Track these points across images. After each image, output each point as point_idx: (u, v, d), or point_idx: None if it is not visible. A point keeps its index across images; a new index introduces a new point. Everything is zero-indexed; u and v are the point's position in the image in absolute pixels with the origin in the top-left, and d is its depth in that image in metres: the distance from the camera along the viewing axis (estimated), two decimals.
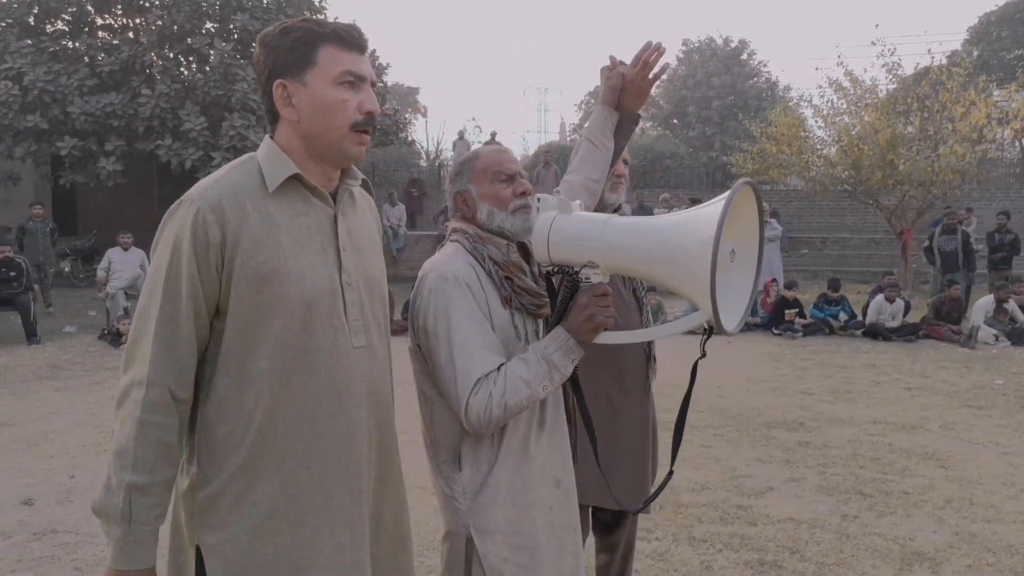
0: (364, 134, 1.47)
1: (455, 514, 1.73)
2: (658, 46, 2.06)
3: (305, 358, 1.42)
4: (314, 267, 1.44)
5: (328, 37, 1.44)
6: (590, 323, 1.63)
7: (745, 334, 10.36)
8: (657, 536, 3.77)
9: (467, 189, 1.81)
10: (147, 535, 1.36)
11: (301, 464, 1.42)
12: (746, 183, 1.56)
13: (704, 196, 19.60)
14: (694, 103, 31.99)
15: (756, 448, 5.21)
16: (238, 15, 13.66)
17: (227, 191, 1.41)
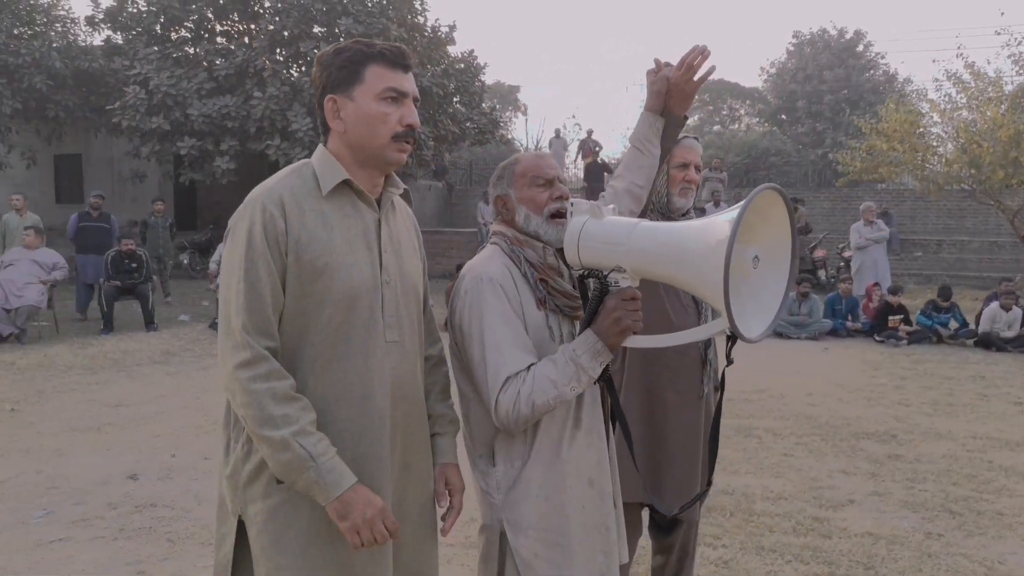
0: (406, 143, 1.63)
1: (490, 508, 1.79)
2: (703, 49, 2.04)
3: (345, 346, 1.57)
4: (360, 264, 1.59)
5: (375, 57, 1.61)
6: (618, 326, 1.66)
7: (844, 340, 9.96)
8: (724, 543, 3.71)
9: (507, 193, 1.87)
10: (335, 461, 1.49)
11: (336, 443, 1.53)
12: (770, 187, 1.54)
13: (809, 196, 18.88)
14: (804, 97, 30.72)
15: (841, 459, 5.02)
16: (343, 19, 14.18)
17: (287, 191, 1.57)
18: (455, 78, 16.20)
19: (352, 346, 1.57)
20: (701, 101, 37.40)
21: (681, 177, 2.52)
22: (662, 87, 2.08)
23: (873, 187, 18.64)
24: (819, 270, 14.34)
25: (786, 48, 33.21)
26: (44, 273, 9.24)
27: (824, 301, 10.56)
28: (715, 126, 36.61)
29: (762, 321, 1.58)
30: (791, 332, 9.93)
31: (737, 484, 4.50)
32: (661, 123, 2.14)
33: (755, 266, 1.55)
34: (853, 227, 11.82)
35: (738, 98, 37.66)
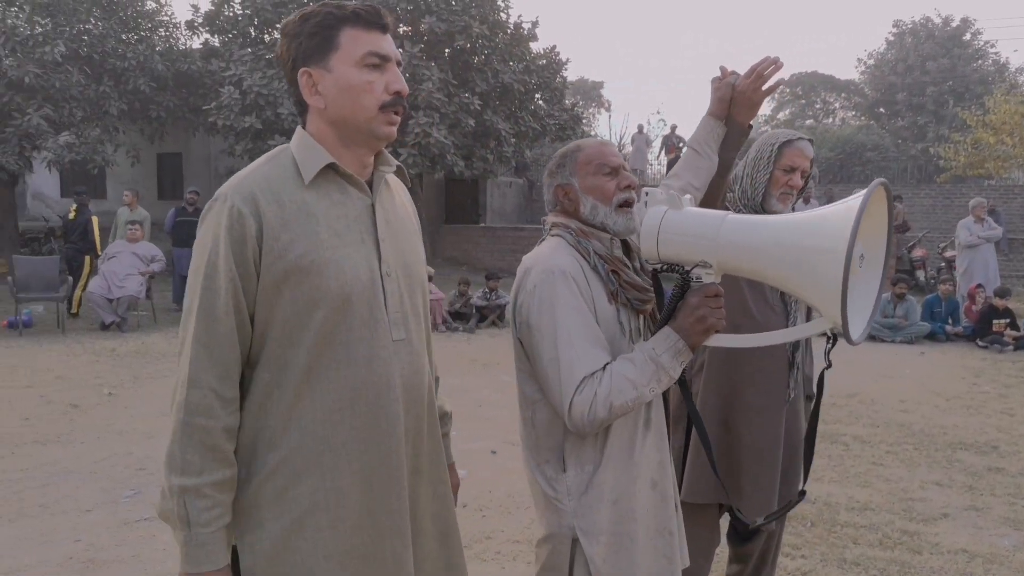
0: (394, 114, 1.44)
1: (559, 515, 1.69)
2: (775, 60, 1.98)
3: (344, 351, 1.39)
4: (353, 258, 1.41)
5: (348, 19, 1.41)
6: (701, 325, 1.57)
7: (943, 345, 9.39)
8: (804, 554, 3.53)
9: (569, 183, 1.77)
10: (210, 536, 1.33)
11: (341, 457, 1.39)
12: (881, 183, 1.46)
13: (908, 193, 17.95)
14: (904, 90, 29.29)
15: (936, 470, 4.71)
16: (427, 17, 14.36)
17: (261, 183, 1.38)
18: (536, 74, 16.16)
19: (353, 350, 1.39)
20: (793, 95, 36.20)
21: (784, 181, 2.37)
22: (726, 93, 2.04)
23: (979, 183, 17.54)
24: (918, 271, 13.60)
25: (885, 38, 31.90)
26: (143, 265, 9.73)
27: (922, 303, 9.99)
28: (808, 120, 35.33)
29: (861, 321, 1.50)
30: (885, 335, 9.44)
31: (820, 492, 4.29)
32: (722, 130, 2.08)
33: (860, 264, 1.47)
34: (961, 223, 11.12)
35: (833, 91, 36.26)
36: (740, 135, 2.11)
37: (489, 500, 4.19)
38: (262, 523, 1.39)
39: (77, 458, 4.79)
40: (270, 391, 1.39)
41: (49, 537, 3.64)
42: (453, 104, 14.46)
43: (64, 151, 13.42)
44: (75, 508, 4.01)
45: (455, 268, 15.93)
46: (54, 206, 19.49)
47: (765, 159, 2.40)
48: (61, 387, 6.68)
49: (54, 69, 13.44)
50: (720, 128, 2.09)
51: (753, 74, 2.00)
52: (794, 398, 2.50)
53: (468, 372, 7.68)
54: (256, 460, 1.40)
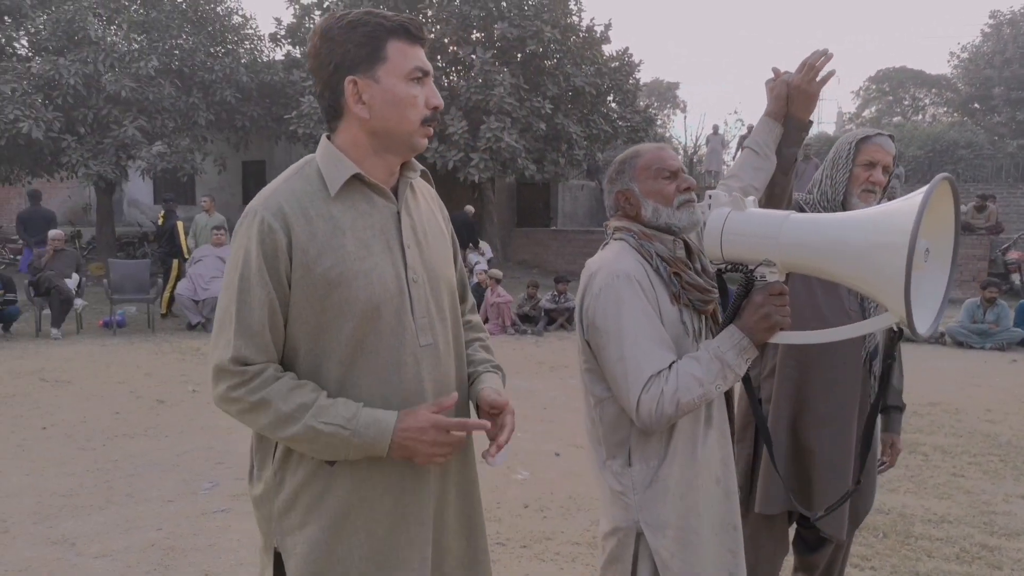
0: (431, 126, 1.47)
1: (625, 509, 1.75)
2: (824, 51, 2.01)
3: (374, 359, 1.42)
4: (380, 268, 1.43)
5: (397, 31, 1.42)
6: (766, 322, 1.60)
7: None
8: (873, 565, 3.42)
9: (629, 187, 1.82)
10: (365, 416, 1.37)
11: (373, 463, 1.42)
12: (945, 178, 1.48)
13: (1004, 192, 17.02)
14: (1002, 84, 27.79)
15: (1022, 483, 4.47)
16: (499, 23, 14.50)
17: (289, 198, 1.41)
18: (608, 77, 16.10)
19: (381, 357, 1.42)
20: (880, 91, 34.83)
21: (865, 177, 2.31)
22: (782, 91, 2.08)
23: None
24: (1012, 274, 12.89)
25: (981, 30, 30.20)
26: None
27: (1015, 308, 9.46)
28: (895, 117, 33.92)
29: (929, 315, 1.52)
30: (974, 342, 9.00)
31: (895, 503, 4.14)
32: (780, 130, 2.11)
33: (925, 259, 1.48)
34: None
35: (922, 86, 34.67)
36: (800, 130, 2.12)
37: (551, 501, 4.21)
38: (302, 526, 1.43)
39: (162, 451, 5.06)
40: None
41: (134, 524, 3.86)
42: (524, 108, 14.55)
43: (156, 160, 14.17)
44: (158, 498, 4.23)
45: (526, 271, 15.99)
46: (148, 212, 20.58)
47: (844, 157, 2.36)
48: (149, 383, 7.06)
49: (148, 83, 14.20)
50: (778, 128, 2.11)
51: (805, 67, 2.03)
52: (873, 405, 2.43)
53: (535, 375, 7.71)
54: (292, 465, 1.44)
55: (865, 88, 35.67)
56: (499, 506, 4.12)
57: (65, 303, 9.45)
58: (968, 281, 11.70)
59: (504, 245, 17.59)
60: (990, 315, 9.09)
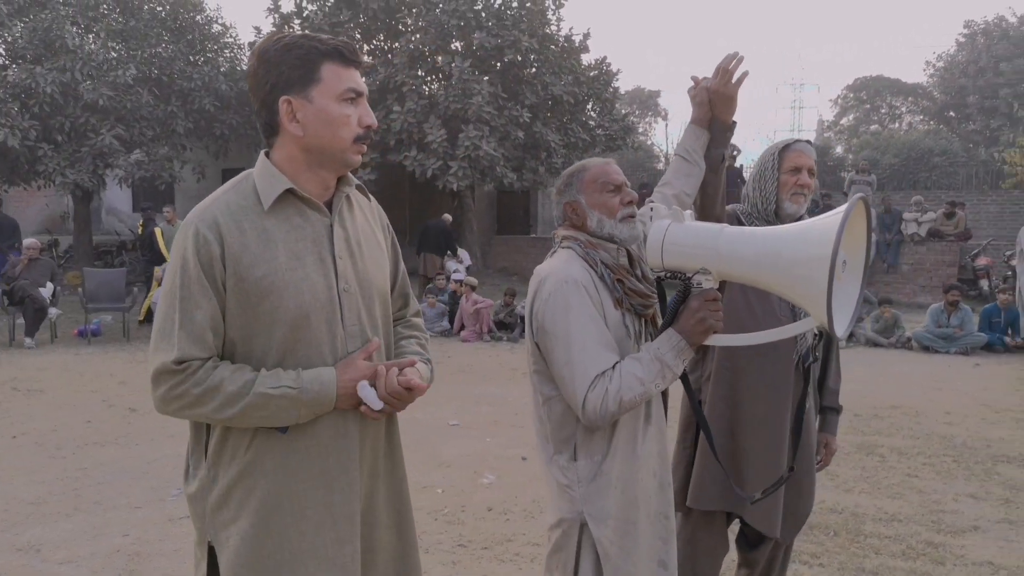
0: (364, 144, 1.55)
1: (570, 502, 1.86)
2: (735, 54, 2.12)
3: (304, 364, 1.50)
4: (311, 278, 1.50)
5: (331, 54, 1.50)
6: (701, 326, 1.73)
7: (1000, 356, 9.09)
8: (821, 562, 3.53)
9: (577, 199, 1.93)
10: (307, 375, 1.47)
11: (303, 461, 1.50)
12: (860, 198, 1.63)
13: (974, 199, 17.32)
14: (976, 92, 28.29)
15: (972, 483, 4.61)
16: (477, 33, 14.62)
17: (223, 210, 1.49)
18: (587, 86, 16.26)
19: (311, 363, 1.50)
20: (857, 99, 35.28)
21: (793, 182, 2.44)
22: (704, 97, 2.18)
23: None
24: (981, 280, 13.13)
25: (956, 39, 30.78)
26: None
27: (980, 313, 9.67)
28: (872, 125, 34.37)
29: (844, 319, 1.66)
30: (939, 346, 9.19)
31: (848, 503, 4.26)
32: (706, 136, 2.21)
33: (843, 270, 1.63)
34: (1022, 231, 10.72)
35: (899, 95, 35.17)
36: (725, 131, 2.24)
37: (515, 504, 4.29)
38: (234, 520, 1.50)
39: (132, 459, 5.09)
40: None
41: (101, 531, 3.90)
42: (503, 117, 14.67)
43: (134, 168, 14.16)
44: (126, 505, 4.27)
45: (506, 278, 16.09)
46: (126, 220, 20.50)
47: (770, 168, 2.47)
48: (123, 392, 7.07)
49: (126, 91, 14.20)
50: (704, 134, 2.22)
51: (720, 72, 2.14)
52: (809, 408, 2.53)
53: (509, 380, 7.79)
54: (225, 462, 1.51)
55: (843, 96, 36.12)
56: (463, 510, 4.19)
57: (39, 312, 9.43)
58: (937, 287, 11.91)
59: (484, 252, 17.68)
60: (954, 319, 9.28)
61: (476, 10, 15.06)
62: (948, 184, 20.66)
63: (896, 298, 12.66)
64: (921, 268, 13.65)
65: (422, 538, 3.80)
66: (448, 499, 4.34)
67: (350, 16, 15.58)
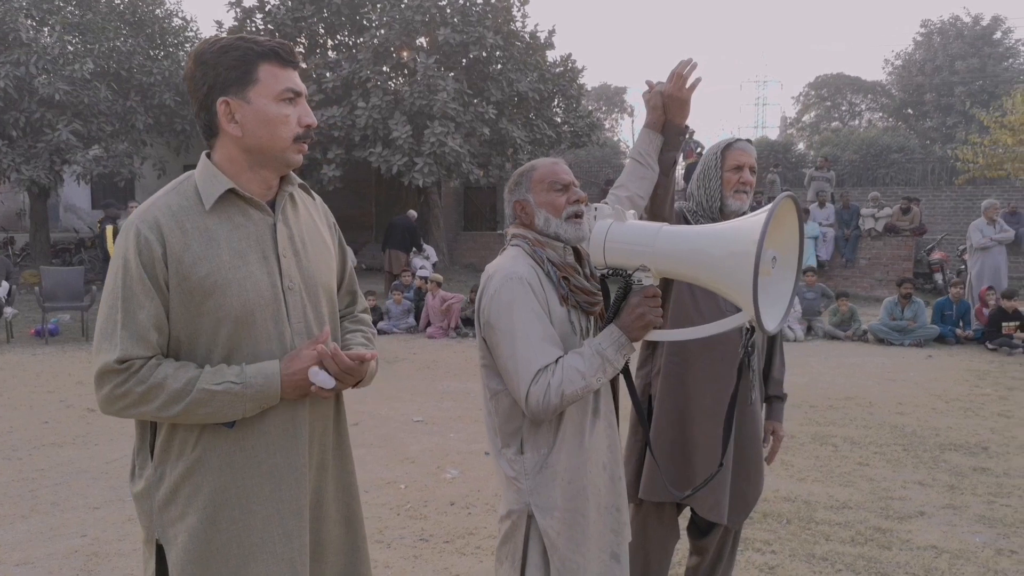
0: (304, 143, 1.57)
1: (518, 493, 1.90)
2: (689, 60, 2.16)
3: (250, 361, 1.51)
4: (255, 276, 1.52)
5: (267, 55, 1.52)
6: (641, 321, 1.77)
7: (952, 348, 9.35)
8: (774, 549, 3.63)
9: (525, 198, 1.97)
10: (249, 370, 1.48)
11: (250, 457, 1.52)
12: (788, 197, 1.67)
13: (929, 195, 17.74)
14: (932, 90, 28.94)
15: (920, 470, 4.76)
16: (442, 29, 14.60)
17: (164, 211, 1.50)
18: (552, 82, 16.33)
19: (258, 360, 1.52)
20: (818, 97, 35.88)
21: (736, 179, 2.52)
22: (657, 101, 2.22)
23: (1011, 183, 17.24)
24: (935, 273, 13.48)
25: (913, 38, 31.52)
26: None
27: (933, 306, 9.94)
28: (833, 122, 34.98)
29: (777, 314, 1.71)
30: (893, 338, 9.43)
31: (801, 491, 4.37)
32: (660, 140, 2.26)
33: (773, 266, 1.68)
34: (973, 225, 11.05)
35: (859, 92, 35.84)
36: (678, 135, 2.29)
37: (477, 498, 4.34)
38: (182, 517, 1.52)
39: (90, 459, 5.03)
40: None
41: (58, 532, 3.87)
42: (468, 113, 14.68)
43: (93, 164, 13.91)
44: (84, 505, 4.23)
45: (473, 274, 16.10)
46: (86, 218, 20.10)
47: (713, 167, 2.54)
48: (81, 392, 6.97)
49: (83, 86, 13.92)
50: (657, 138, 2.27)
51: (675, 77, 2.19)
52: (755, 400, 2.62)
53: (473, 377, 7.83)
54: (173, 459, 1.53)
55: (805, 94, 36.70)
56: (426, 505, 4.23)
57: None
58: (893, 281, 12.20)
59: (450, 249, 17.68)
60: (908, 312, 9.53)
61: (441, 6, 15.04)
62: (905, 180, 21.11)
63: (853, 292, 12.95)
64: (878, 262, 13.96)
65: (384, 533, 3.84)
66: (411, 494, 4.37)
67: (313, 11, 15.44)
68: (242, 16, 15.99)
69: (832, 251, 14.12)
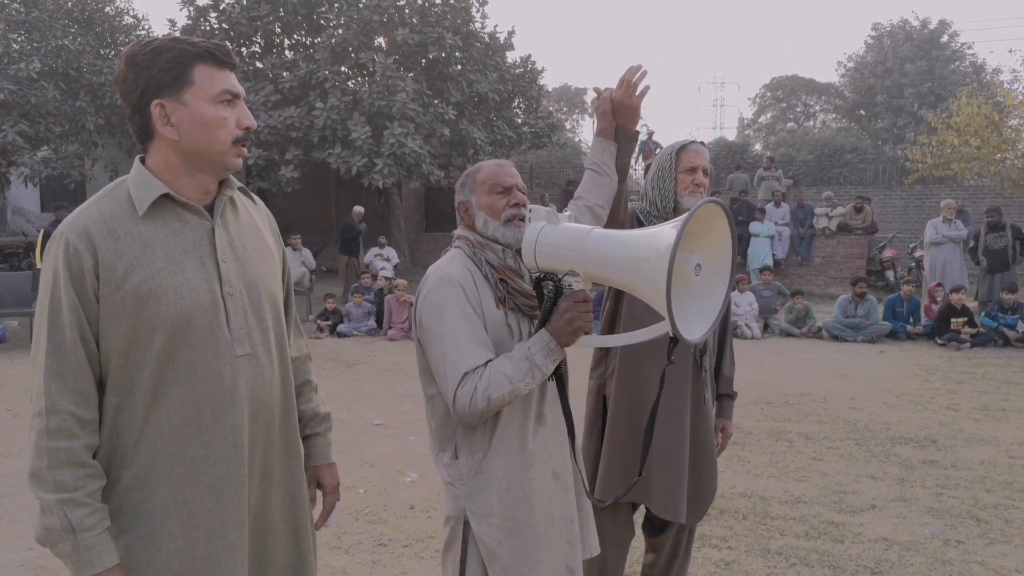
0: (244, 146, 1.53)
1: (454, 499, 1.88)
2: (639, 67, 2.16)
3: (187, 370, 1.47)
4: (192, 282, 1.48)
5: (202, 56, 1.48)
6: (570, 327, 1.73)
7: (903, 344, 9.59)
8: (730, 545, 3.68)
9: (468, 200, 1.95)
10: (96, 538, 1.40)
11: (190, 470, 1.47)
12: (712, 202, 1.62)
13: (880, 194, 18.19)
14: (884, 92, 29.65)
15: (872, 464, 4.87)
16: (400, 30, 14.52)
17: (95, 219, 1.45)
18: (512, 83, 16.35)
19: (195, 369, 1.47)
20: (774, 98, 36.51)
21: (690, 181, 2.54)
22: (607, 107, 2.19)
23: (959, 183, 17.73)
24: (887, 271, 13.81)
25: (865, 41, 32.17)
26: None
27: (885, 303, 10.19)
28: (789, 123, 35.62)
29: (704, 323, 1.66)
30: (847, 335, 9.63)
31: (757, 487, 4.44)
32: (614, 147, 2.23)
33: (697, 273, 1.63)
34: (930, 223, 11.42)
35: (813, 94, 36.55)
36: (630, 141, 2.28)
37: (436, 502, 4.31)
38: (120, 534, 1.47)
39: None
40: (119, 413, 1.47)
41: (5, 545, 3.75)
42: (428, 114, 14.62)
43: (41, 166, 13.52)
44: (31, 518, 4.10)
45: None
46: (35, 221, 19.51)
47: (667, 168, 2.57)
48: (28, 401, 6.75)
49: (29, 85, 13.54)
50: (612, 146, 2.24)
51: (624, 84, 2.17)
52: (707, 399, 2.65)
53: None
54: (112, 476, 1.48)
55: (761, 95, 37.32)
56: (385, 508, 4.20)
57: None
58: (847, 278, 12.47)
59: (412, 250, 17.59)
60: (861, 309, 9.75)
61: (399, 6, 14.95)
62: (858, 180, 21.59)
63: (808, 289, 13.21)
64: (832, 260, 14.25)
65: (342, 538, 3.80)
66: (370, 499, 4.34)
67: (269, 10, 15.24)
68: (195, 15, 15.71)
69: (788, 250, 14.37)
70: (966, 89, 15.80)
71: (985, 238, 10.30)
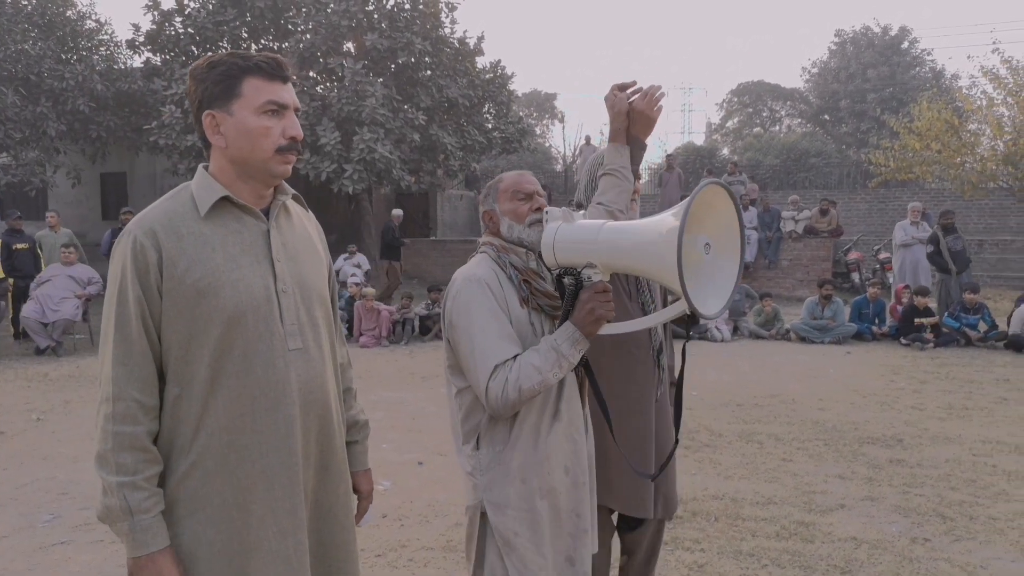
0: (290, 155, 1.63)
1: (474, 489, 1.97)
2: (659, 87, 2.25)
3: (243, 362, 1.57)
4: (248, 279, 1.58)
5: (251, 70, 1.59)
6: (592, 316, 1.84)
7: (869, 344, 9.75)
8: (702, 547, 3.70)
9: (492, 208, 2.09)
10: (151, 521, 1.50)
11: (244, 458, 1.57)
12: (714, 182, 1.72)
13: (845, 197, 18.51)
14: (847, 97, 30.18)
15: (840, 464, 4.94)
16: (369, 35, 14.45)
17: (160, 218, 1.57)
18: (482, 88, 16.35)
19: (250, 361, 1.57)
20: (741, 104, 36.99)
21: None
22: (623, 107, 2.26)
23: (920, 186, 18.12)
24: (852, 273, 14.05)
25: (828, 47, 32.71)
26: (79, 288, 9.62)
27: (851, 305, 10.35)
28: (755, 128, 36.11)
29: (719, 300, 1.75)
30: (815, 336, 9.77)
31: (728, 489, 4.47)
32: (627, 151, 2.31)
33: (707, 252, 1.73)
34: (898, 225, 11.66)
35: (778, 99, 37.11)
36: (641, 150, 2.35)
37: (410, 510, 4.29)
38: (180, 520, 1.56)
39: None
40: (179, 404, 1.57)
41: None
42: (398, 119, 14.56)
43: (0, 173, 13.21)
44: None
45: (406, 281, 15.95)
46: None
47: None
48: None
49: None
50: (626, 149, 2.32)
51: (648, 96, 2.25)
52: (662, 395, 2.68)
53: (406, 385, 7.76)
54: (171, 464, 1.57)
55: (728, 101, 37.79)
56: None
57: None
58: (814, 281, 12.66)
59: None
60: (827, 311, 9.89)
61: (368, 11, 14.88)
62: (823, 184, 21.96)
63: (776, 292, 13.39)
64: (799, 263, 14.46)
65: None
66: None
67: (236, 15, 15.06)
68: (160, 19, 15.47)
69: (756, 253, 14.55)
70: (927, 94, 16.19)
71: (945, 240, 10.53)
